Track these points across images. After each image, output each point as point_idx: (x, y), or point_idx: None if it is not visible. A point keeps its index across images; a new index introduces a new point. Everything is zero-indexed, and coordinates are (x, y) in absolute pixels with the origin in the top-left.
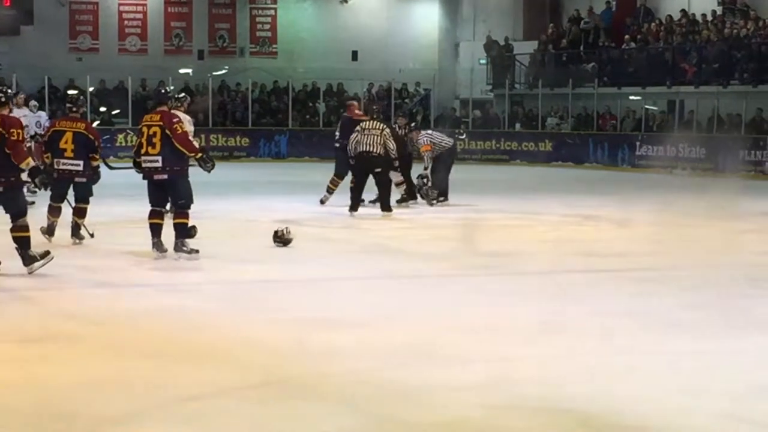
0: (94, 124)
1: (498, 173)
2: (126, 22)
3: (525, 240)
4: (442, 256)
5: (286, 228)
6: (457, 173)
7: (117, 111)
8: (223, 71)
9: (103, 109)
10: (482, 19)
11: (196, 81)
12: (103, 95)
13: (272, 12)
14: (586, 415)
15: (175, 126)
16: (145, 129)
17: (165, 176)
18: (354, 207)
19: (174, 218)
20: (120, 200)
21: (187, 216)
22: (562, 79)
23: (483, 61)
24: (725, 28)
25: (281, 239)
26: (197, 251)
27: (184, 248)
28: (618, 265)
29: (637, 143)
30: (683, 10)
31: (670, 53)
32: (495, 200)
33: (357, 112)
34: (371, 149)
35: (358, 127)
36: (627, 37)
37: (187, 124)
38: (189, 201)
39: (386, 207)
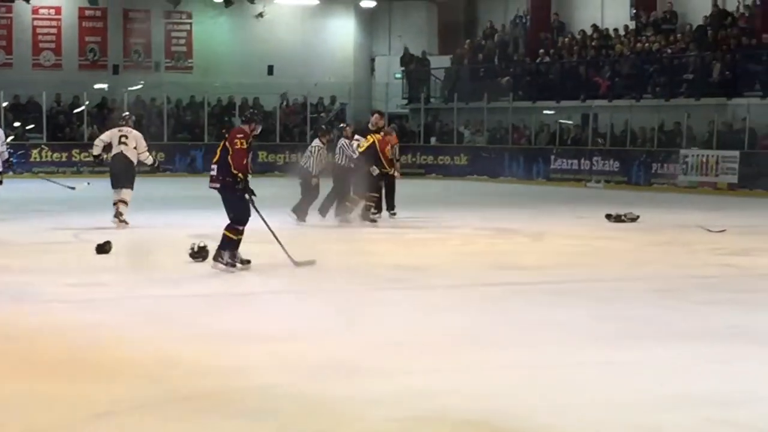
0: (8, 140)
1: (413, 187)
2: (40, 36)
3: (440, 253)
4: (358, 269)
5: (203, 243)
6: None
7: (31, 126)
8: (139, 86)
9: (17, 124)
10: (398, 34)
11: (112, 96)
12: (17, 110)
13: (187, 27)
14: (504, 428)
15: (235, 141)
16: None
17: (217, 185)
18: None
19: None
20: (40, 215)
21: (234, 231)
22: (477, 93)
23: (399, 75)
24: (637, 42)
25: (198, 254)
26: (234, 265)
27: (221, 260)
28: (533, 278)
29: (552, 157)
30: (595, 25)
31: (583, 67)
32: (410, 214)
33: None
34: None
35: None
36: (541, 51)
37: (140, 139)
38: (237, 216)
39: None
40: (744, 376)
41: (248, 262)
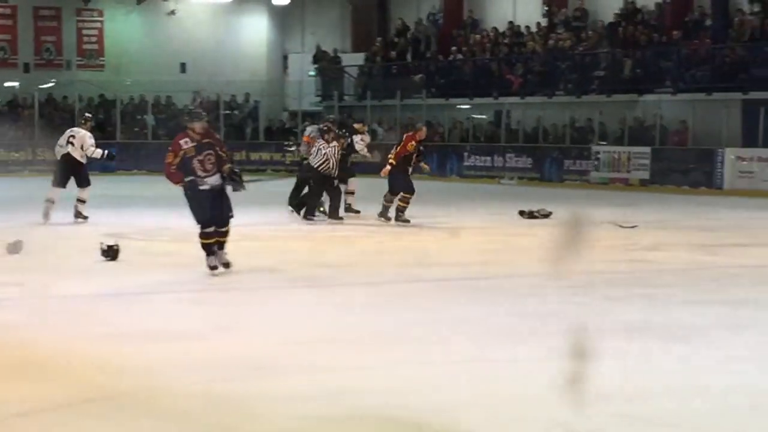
0: None
1: None
2: None
3: (359, 250)
4: (277, 267)
5: (113, 242)
6: (290, 186)
7: None
8: (50, 84)
9: None
10: (311, 31)
11: (23, 94)
12: None
13: (99, 24)
14: (424, 424)
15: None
16: None
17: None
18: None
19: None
20: None
21: (200, 235)
22: (390, 90)
23: (312, 73)
24: (549, 40)
25: (108, 253)
26: (213, 268)
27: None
28: (450, 274)
29: (465, 154)
30: (511, 22)
31: (496, 64)
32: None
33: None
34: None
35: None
36: (454, 48)
37: (89, 140)
38: (194, 219)
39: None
40: (652, 370)
41: (226, 265)
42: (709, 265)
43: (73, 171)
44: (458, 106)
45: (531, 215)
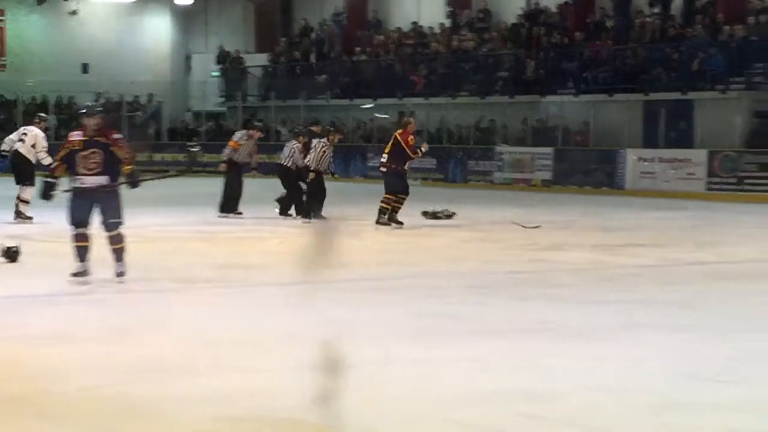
0: None
1: None
2: None
3: (259, 252)
4: (184, 269)
5: (13, 244)
6: (193, 186)
7: None
8: None
9: None
10: (214, 32)
11: None
12: None
13: (0, 24)
14: (322, 425)
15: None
16: None
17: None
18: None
19: None
20: None
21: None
22: (294, 91)
23: (215, 74)
24: (453, 41)
25: (8, 254)
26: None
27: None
28: (352, 275)
29: (369, 154)
30: (415, 23)
31: (400, 65)
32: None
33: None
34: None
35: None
36: (358, 49)
37: (43, 140)
38: None
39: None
40: (554, 370)
41: (120, 274)
42: (610, 265)
43: (19, 168)
44: (362, 107)
45: (434, 216)
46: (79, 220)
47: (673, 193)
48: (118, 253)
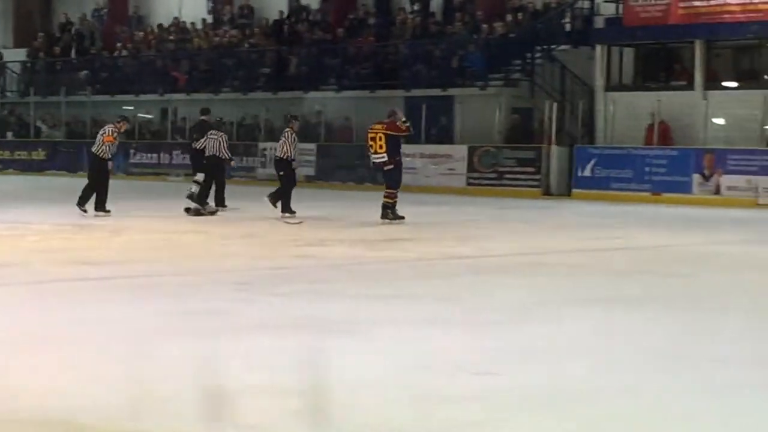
0: None
1: None
2: None
3: (15, 250)
4: None
5: None
6: None
7: None
8: None
9: None
10: None
11: None
12: None
13: None
14: (82, 426)
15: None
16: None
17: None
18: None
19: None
20: None
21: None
22: (54, 86)
23: None
24: (215, 37)
25: None
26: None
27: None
28: (110, 273)
29: (131, 151)
30: (176, 18)
31: (161, 61)
32: None
33: None
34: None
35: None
36: (119, 44)
37: None
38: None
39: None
40: (316, 365)
41: None
42: (372, 260)
43: None
44: (124, 107)
45: (198, 212)
46: None
47: (434, 188)
48: None
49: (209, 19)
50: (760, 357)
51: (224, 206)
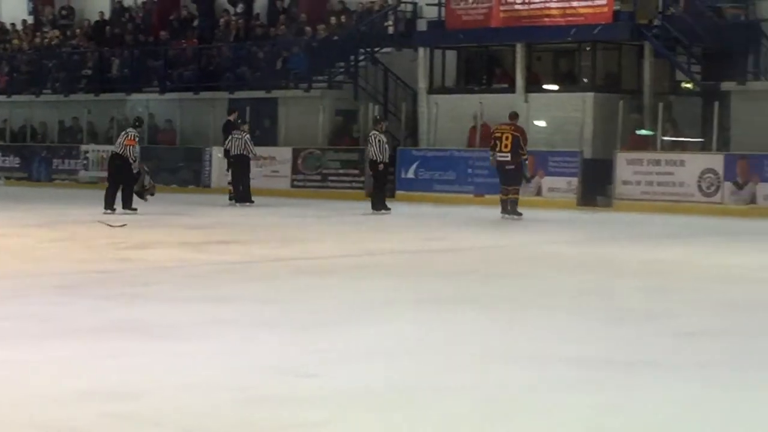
0: None
1: None
2: None
3: None
4: None
5: None
6: None
7: None
8: None
9: None
10: None
11: None
12: None
13: None
14: None
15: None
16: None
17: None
18: None
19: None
20: None
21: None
22: None
23: None
24: (36, 37)
25: None
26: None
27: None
28: None
29: None
30: None
31: None
32: None
33: None
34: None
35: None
36: None
37: None
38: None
39: None
40: (140, 369)
41: None
42: (195, 263)
43: None
44: None
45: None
46: None
47: (258, 191)
48: None
49: (30, 19)
50: (582, 356)
51: (251, 201)
